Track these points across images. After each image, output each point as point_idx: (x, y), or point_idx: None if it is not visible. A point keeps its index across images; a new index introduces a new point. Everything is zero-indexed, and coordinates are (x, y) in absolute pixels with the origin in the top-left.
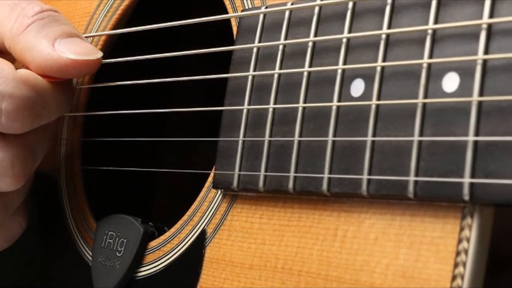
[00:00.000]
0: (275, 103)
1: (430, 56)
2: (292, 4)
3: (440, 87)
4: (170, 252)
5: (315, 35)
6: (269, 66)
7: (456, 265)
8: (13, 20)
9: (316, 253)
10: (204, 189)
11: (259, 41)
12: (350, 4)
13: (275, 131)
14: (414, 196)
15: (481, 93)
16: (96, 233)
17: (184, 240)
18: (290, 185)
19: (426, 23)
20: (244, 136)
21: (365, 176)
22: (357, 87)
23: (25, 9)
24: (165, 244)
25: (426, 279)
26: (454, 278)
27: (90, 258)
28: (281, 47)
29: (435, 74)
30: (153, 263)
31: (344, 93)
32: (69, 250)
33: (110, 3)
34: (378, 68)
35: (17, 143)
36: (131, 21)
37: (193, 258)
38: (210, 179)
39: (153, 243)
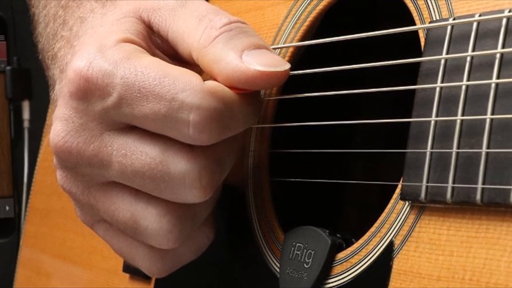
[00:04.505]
0: (462, 114)
1: None
2: (479, 15)
3: None
4: (358, 264)
5: (503, 47)
6: (457, 77)
7: None
8: (200, 32)
9: (504, 265)
10: (392, 201)
11: (447, 53)
12: None
13: (463, 142)
14: None
15: None
16: (284, 244)
17: (372, 251)
18: (478, 196)
19: None
20: (432, 147)
21: None
22: None
23: (213, 20)
24: (352, 256)
25: None
26: None
27: (277, 269)
28: (468, 58)
29: None
30: (341, 274)
31: None
32: (257, 261)
33: (298, 15)
34: None
35: (204, 155)
36: (319, 33)
37: (380, 269)
38: (397, 190)
39: (340, 255)
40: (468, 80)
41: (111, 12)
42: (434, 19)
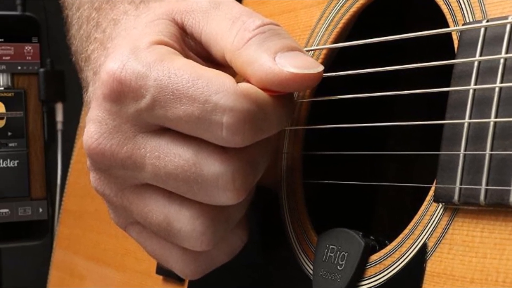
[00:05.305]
0: (496, 116)
1: None
2: None
3: None
4: (391, 266)
5: None
6: (490, 79)
7: None
8: (234, 34)
9: None
10: (425, 203)
11: (480, 55)
12: None
13: (496, 144)
14: None
15: None
16: (317, 246)
17: (405, 253)
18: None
19: None
20: (465, 149)
21: None
22: None
23: (246, 22)
24: (386, 258)
25: None
26: None
27: (311, 271)
28: (502, 60)
29: None
30: (374, 276)
31: None
32: (290, 263)
33: (331, 17)
34: None
35: (238, 157)
36: (352, 35)
37: (414, 271)
38: (431, 192)
39: (374, 257)
40: (501, 82)
41: (144, 14)
42: (468, 21)
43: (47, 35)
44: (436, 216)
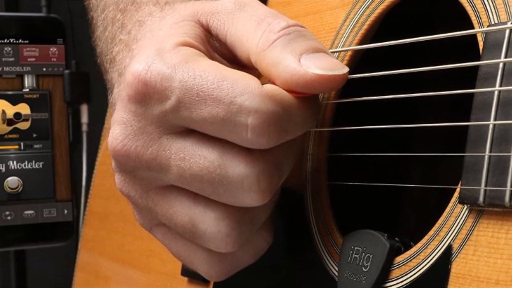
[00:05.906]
0: None
1: None
2: None
3: None
4: (416, 268)
5: None
6: None
7: None
8: (259, 36)
9: None
10: (450, 204)
11: (505, 56)
12: None
13: None
14: None
15: None
16: (342, 248)
17: (430, 255)
18: None
19: None
20: (490, 151)
21: None
22: None
23: (271, 24)
24: (411, 259)
25: None
26: None
27: (336, 273)
28: None
29: None
30: (399, 278)
31: None
32: (315, 264)
33: (356, 18)
34: None
35: (263, 159)
36: (377, 36)
37: (439, 273)
38: (456, 194)
39: (399, 258)
40: None
41: (169, 16)
42: (493, 22)
43: (72, 37)
44: (461, 218)
